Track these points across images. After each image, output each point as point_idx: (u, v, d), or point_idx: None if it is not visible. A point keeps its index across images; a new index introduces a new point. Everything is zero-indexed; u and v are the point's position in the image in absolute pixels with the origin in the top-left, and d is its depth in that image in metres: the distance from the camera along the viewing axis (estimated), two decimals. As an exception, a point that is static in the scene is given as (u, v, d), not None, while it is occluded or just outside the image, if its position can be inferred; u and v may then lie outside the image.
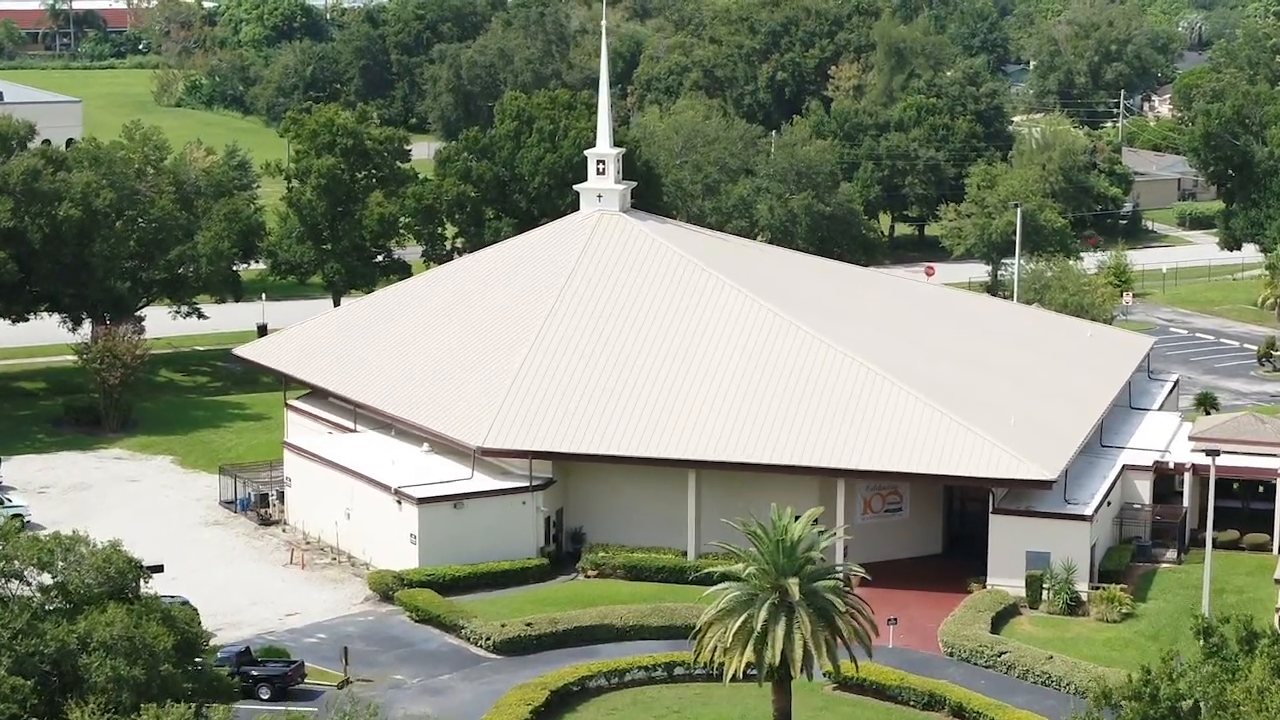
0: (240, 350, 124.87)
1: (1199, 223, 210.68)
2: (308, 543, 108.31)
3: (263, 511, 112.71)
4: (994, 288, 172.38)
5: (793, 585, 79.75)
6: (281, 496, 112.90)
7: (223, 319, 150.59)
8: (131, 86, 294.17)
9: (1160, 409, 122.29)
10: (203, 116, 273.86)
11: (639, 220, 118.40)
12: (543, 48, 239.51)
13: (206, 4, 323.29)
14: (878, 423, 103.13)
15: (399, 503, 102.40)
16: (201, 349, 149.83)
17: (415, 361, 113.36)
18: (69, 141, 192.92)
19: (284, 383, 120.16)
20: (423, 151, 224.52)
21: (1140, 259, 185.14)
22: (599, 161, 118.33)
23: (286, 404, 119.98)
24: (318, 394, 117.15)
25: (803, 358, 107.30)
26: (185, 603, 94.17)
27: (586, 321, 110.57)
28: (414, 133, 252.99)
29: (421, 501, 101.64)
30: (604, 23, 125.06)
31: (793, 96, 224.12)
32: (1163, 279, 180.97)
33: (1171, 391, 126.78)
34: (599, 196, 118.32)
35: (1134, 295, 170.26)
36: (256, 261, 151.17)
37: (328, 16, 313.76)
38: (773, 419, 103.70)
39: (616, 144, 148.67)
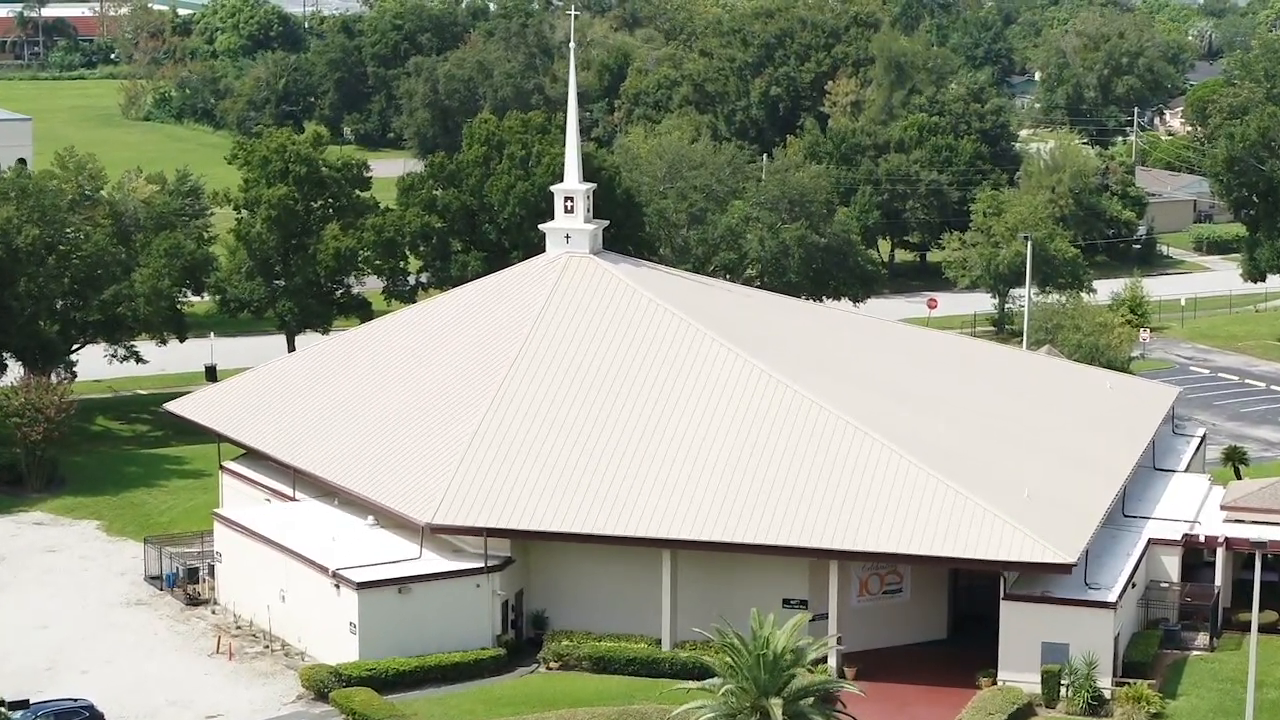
0: (174, 405, 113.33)
1: (1217, 247, 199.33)
2: (238, 627, 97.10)
3: (191, 589, 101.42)
4: (1001, 321, 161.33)
5: (775, 707, 69.83)
6: (213, 571, 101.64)
7: (169, 359, 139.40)
8: (100, 99, 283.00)
9: (1187, 469, 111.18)
10: (171, 131, 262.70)
11: (611, 263, 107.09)
12: (524, 61, 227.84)
13: (181, 11, 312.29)
14: (875, 496, 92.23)
15: (337, 587, 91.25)
16: (144, 393, 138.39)
17: (361, 422, 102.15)
18: (20, 162, 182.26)
19: (220, 442, 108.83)
20: (398, 169, 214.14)
21: (1156, 287, 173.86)
22: (567, 198, 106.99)
23: (222, 466, 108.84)
24: (256, 455, 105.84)
25: (791, 422, 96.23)
26: (89, 708, 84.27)
27: (551, 380, 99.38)
28: (391, 149, 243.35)
29: (361, 586, 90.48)
30: (572, 44, 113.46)
31: (787, 113, 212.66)
32: (1181, 311, 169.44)
33: (1198, 448, 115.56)
34: (567, 237, 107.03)
35: (1151, 330, 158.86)
36: (204, 295, 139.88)
37: (306, 25, 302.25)
38: (758, 492, 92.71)
39: (596, 170, 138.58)
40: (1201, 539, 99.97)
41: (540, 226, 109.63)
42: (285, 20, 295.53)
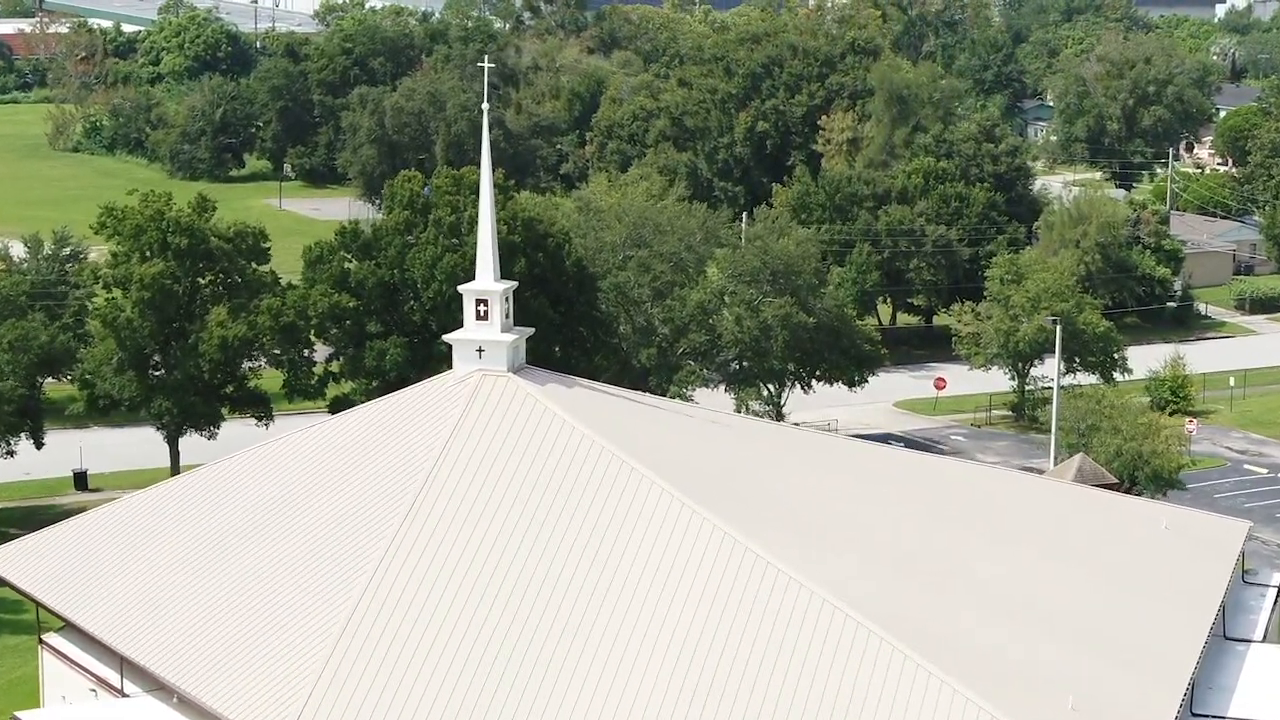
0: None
1: (1261, 305, 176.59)
2: None
3: (-12, 812, 79.13)
4: (1020, 407, 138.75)
5: None
6: (22, 783, 79.26)
7: (32, 462, 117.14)
8: (31, 126, 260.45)
9: (1264, 636, 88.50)
10: (101, 164, 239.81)
11: (534, 384, 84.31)
12: (482, 91, 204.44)
13: (126, 28, 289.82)
14: (867, 708, 69.72)
15: (156, 836, 68.89)
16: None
17: (210, 593, 79.52)
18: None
19: (40, 609, 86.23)
20: (343, 209, 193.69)
21: (1197, 358, 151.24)
22: (480, 301, 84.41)
23: (41, 640, 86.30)
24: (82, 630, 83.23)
25: (757, 602, 73.73)
26: None
27: (451, 545, 76.73)
28: (339, 186, 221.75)
29: (186, 840, 68.17)
30: (484, 106, 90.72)
31: (776, 150, 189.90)
32: (1229, 389, 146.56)
33: (1276, 603, 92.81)
34: (479, 351, 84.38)
35: (1196, 419, 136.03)
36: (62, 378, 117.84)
37: (258, 45, 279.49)
38: (715, 700, 70.14)
39: (542, 236, 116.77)
40: (1294, 748, 77.88)
41: (445, 338, 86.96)
42: (235, 40, 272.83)
